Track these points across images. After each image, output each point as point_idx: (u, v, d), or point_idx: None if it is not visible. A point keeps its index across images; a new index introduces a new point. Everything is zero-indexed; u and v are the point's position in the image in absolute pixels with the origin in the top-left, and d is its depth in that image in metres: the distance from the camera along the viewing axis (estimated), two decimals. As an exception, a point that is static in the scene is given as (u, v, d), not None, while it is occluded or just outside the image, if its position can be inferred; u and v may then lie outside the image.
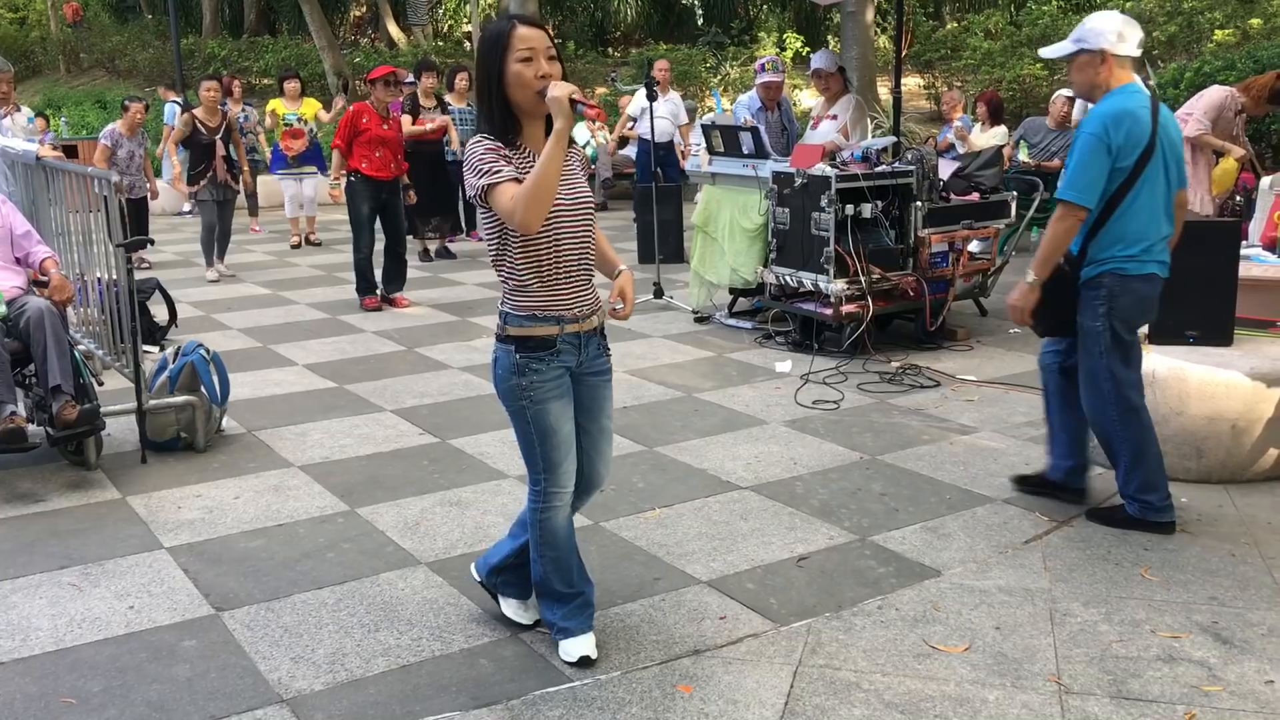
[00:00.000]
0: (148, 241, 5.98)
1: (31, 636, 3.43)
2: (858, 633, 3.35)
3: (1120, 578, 3.67)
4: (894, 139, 7.93)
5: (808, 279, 6.65)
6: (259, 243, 12.36)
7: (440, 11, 25.72)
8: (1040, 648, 3.23)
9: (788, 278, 6.81)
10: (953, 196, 6.99)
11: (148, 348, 6.62)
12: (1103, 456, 4.23)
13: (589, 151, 13.98)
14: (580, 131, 14.07)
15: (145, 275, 8.43)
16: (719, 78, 19.03)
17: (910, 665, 3.15)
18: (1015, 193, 7.53)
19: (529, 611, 3.43)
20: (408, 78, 10.79)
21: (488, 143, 2.96)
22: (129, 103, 10.72)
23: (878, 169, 6.65)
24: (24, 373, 4.91)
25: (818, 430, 5.30)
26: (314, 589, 3.73)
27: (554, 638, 3.28)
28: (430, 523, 4.29)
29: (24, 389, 4.94)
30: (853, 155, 6.85)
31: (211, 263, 10.04)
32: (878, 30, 18.44)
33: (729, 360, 6.68)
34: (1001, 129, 10.49)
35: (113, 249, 5.20)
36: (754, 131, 7.37)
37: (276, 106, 11.83)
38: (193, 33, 24.46)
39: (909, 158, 6.81)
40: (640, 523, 4.22)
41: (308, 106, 11.91)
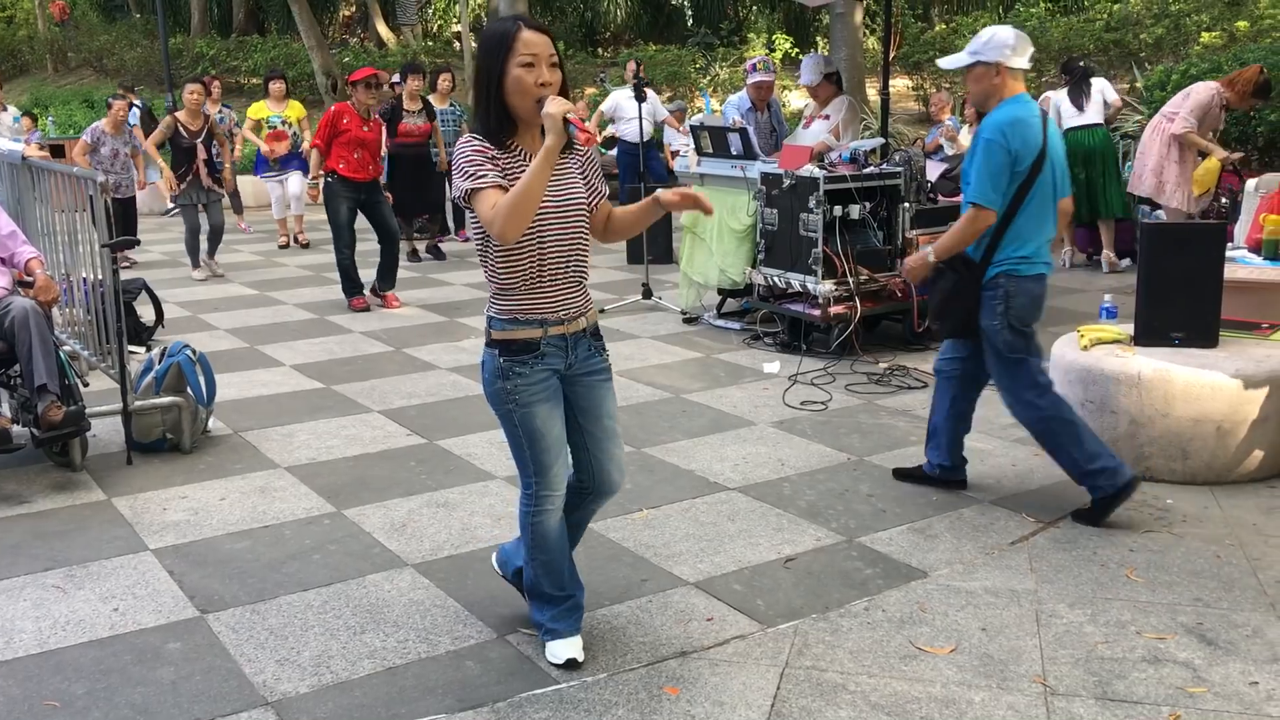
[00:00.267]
0: (134, 242, 5.96)
1: (15, 639, 3.42)
2: (844, 634, 3.35)
3: (1106, 579, 3.68)
4: (882, 140, 7.94)
5: (796, 280, 6.65)
6: (246, 242, 12.33)
7: (430, 11, 25.68)
8: (1026, 649, 3.24)
9: (776, 279, 6.82)
10: (940, 198, 7.01)
11: (134, 348, 6.60)
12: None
13: None
14: None
15: (131, 275, 8.39)
16: (708, 78, 19.05)
17: (896, 666, 3.16)
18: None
19: None
20: (394, 77, 10.76)
21: (476, 144, 2.94)
22: (112, 100, 10.69)
23: (866, 170, 6.66)
24: (9, 373, 4.89)
25: (805, 431, 5.31)
26: (300, 591, 3.71)
27: (541, 639, 3.27)
28: (417, 524, 4.28)
29: (9, 390, 4.92)
30: (841, 156, 6.86)
31: (198, 264, 10.00)
32: (866, 31, 18.47)
33: (717, 361, 6.68)
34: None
35: (98, 249, 5.18)
36: (742, 132, 7.38)
37: (259, 110, 11.71)
38: (181, 32, 24.40)
39: (897, 159, 6.83)
40: (628, 524, 4.21)
41: (292, 109, 11.83)
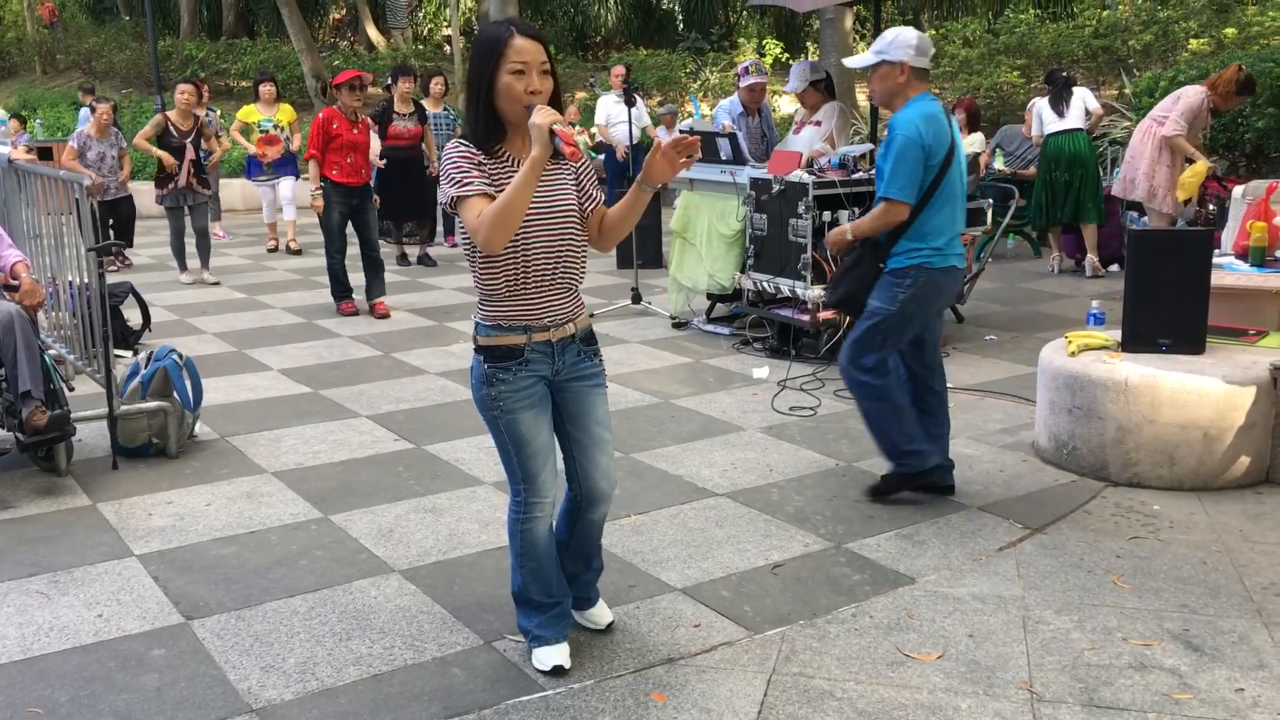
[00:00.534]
0: (119, 246, 5.93)
1: (-2, 645, 3.40)
2: (832, 640, 3.35)
3: (1092, 585, 3.68)
4: (871, 146, 7.94)
5: (785, 285, 6.66)
6: (235, 246, 12.29)
7: (420, 15, 25.67)
8: (1013, 655, 3.24)
9: (765, 284, 6.82)
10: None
11: (120, 352, 6.58)
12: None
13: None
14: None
15: (119, 279, 8.36)
16: (699, 83, 19.07)
17: (884, 673, 3.15)
18: (991, 200, 7.57)
19: (589, 618, 3.43)
20: (387, 80, 10.74)
21: (463, 149, 2.94)
22: (96, 104, 10.65)
23: (855, 176, 6.67)
24: (-7, 378, 4.87)
25: (794, 437, 5.31)
26: (285, 597, 3.70)
27: (528, 645, 3.27)
28: (404, 530, 4.26)
29: (-7, 394, 4.89)
30: (830, 162, 6.86)
31: (185, 267, 9.95)
32: (856, 37, 18.50)
33: (706, 366, 6.68)
34: (978, 136, 10.54)
35: (84, 252, 5.16)
36: (731, 137, 7.38)
37: (249, 114, 11.65)
38: (170, 34, 24.34)
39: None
40: (615, 529, 4.20)
41: (283, 112, 11.76)
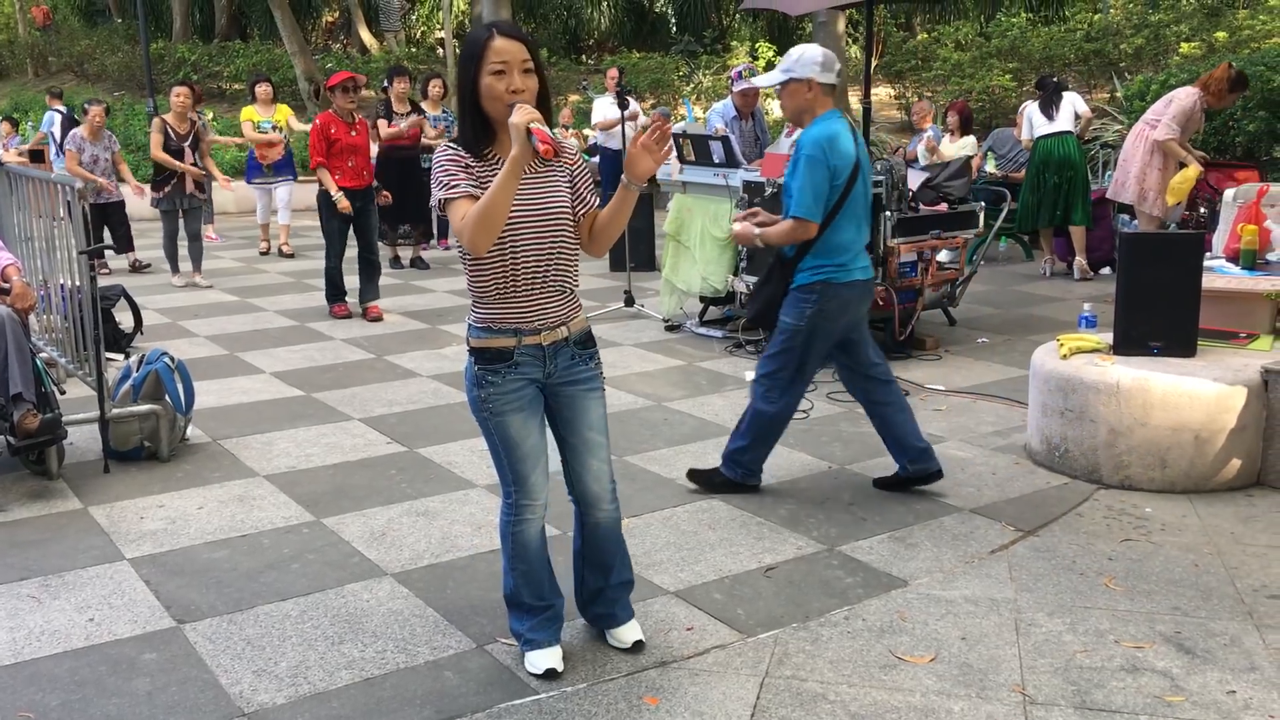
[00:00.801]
0: (108, 249, 5.91)
1: (-12, 649, 3.38)
2: (824, 643, 3.35)
3: (1085, 588, 3.69)
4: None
5: (778, 288, 6.65)
6: (227, 249, 12.27)
7: (413, 17, 25.66)
8: (1005, 658, 3.24)
9: (758, 287, 6.81)
10: (921, 207, 7.02)
11: (111, 355, 6.56)
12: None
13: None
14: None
15: (110, 282, 8.34)
16: (691, 86, 19.08)
17: (876, 676, 3.16)
18: (983, 203, 7.58)
19: (614, 636, 3.36)
20: (385, 82, 10.73)
21: (450, 152, 2.95)
22: (89, 106, 10.61)
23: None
24: (-16, 381, 4.85)
25: (786, 439, 5.29)
26: (277, 600, 3.69)
27: (521, 649, 3.26)
28: (397, 533, 4.26)
29: (-16, 397, 4.88)
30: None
31: (177, 269, 9.94)
32: (849, 40, 18.54)
33: (699, 369, 6.68)
34: (970, 139, 10.56)
35: (75, 255, 5.14)
36: (724, 140, 7.38)
37: (249, 115, 11.61)
38: (163, 37, 24.29)
39: (878, 168, 6.84)
40: (608, 533, 4.20)
41: (280, 113, 11.75)
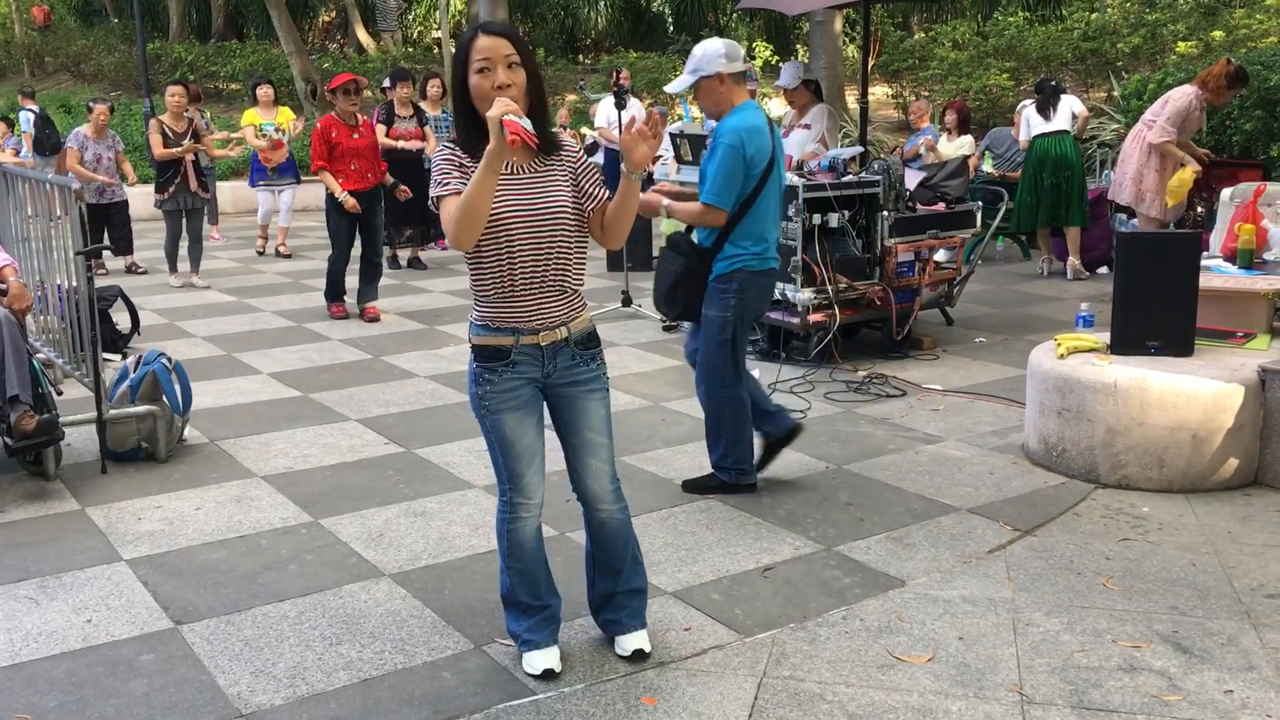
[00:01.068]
0: (105, 250, 5.91)
1: (-14, 651, 3.38)
2: (822, 643, 3.35)
3: (1082, 587, 3.69)
4: (861, 149, 7.96)
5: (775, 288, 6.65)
6: (224, 249, 12.25)
7: (409, 17, 25.65)
8: (1003, 658, 3.24)
9: (755, 287, 6.81)
10: (919, 206, 7.03)
11: (109, 356, 6.56)
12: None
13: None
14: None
15: (106, 283, 8.33)
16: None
17: (874, 676, 3.16)
18: (981, 202, 7.59)
19: (619, 644, 3.32)
20: (385, 82, 10.72)
21: (446, 152, 2.97)
22: (93, 104, 10.58)
23: (845, 178, 6.68)
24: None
25: (784, 439, 5.31)
26: (275, 601, 3.69)
27: (518, 650, 3.26)
28: (394, 533, 4.26)
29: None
30: (820, 165, 6.88)
31: (175, 269, 9.91)
32: (846, 39, 18.55)
33: (696, 369, 6.68)
34: (968, 139, 10.57)
35: (72, 255, 5.14)
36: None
37: (251, 118, 11.51)
38: (159, 37, 24.27)
39: (876, 168, 6.85)
40: (606, 533, 4.20)
41: (283, 114, 11.63)
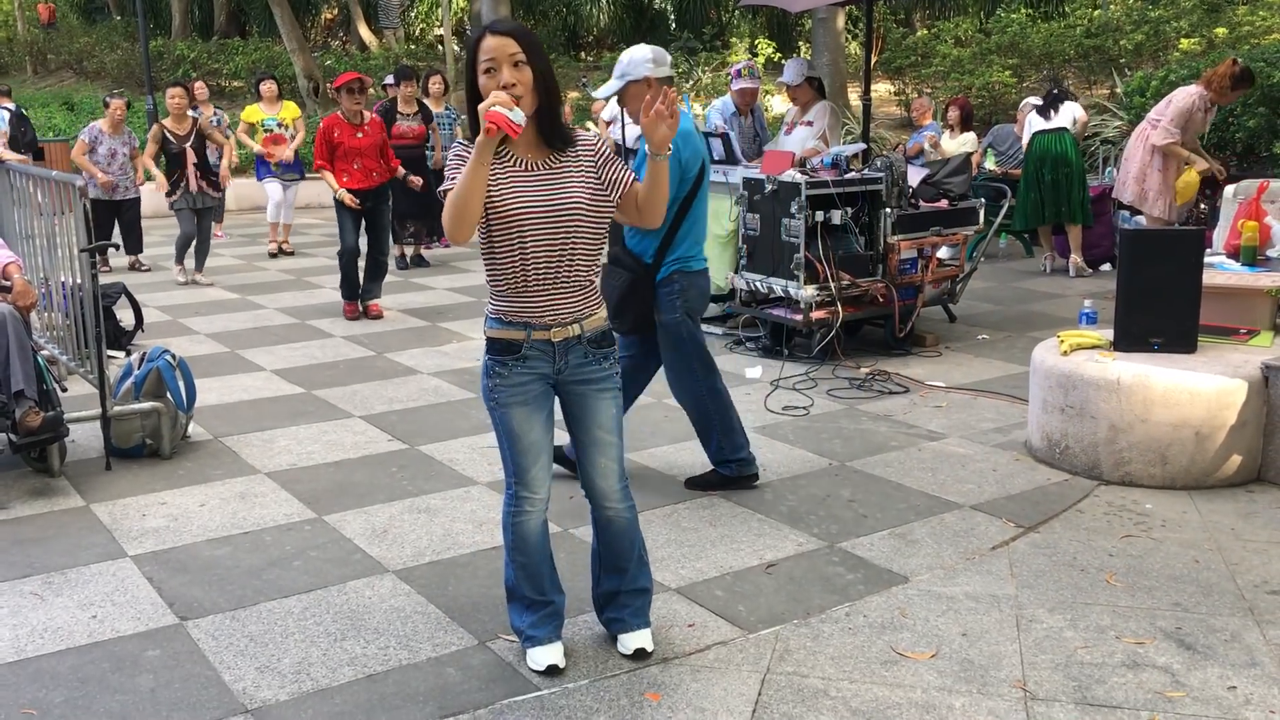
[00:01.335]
0: (109, 246, 5.91)
1: (-8, 647, 3.39)
2: (825, 640, 3.36)
3: (1085, 584, 3.69)
4: (864, 146, 7.96)
5: (778, 285, 6.66)
6: (228, 246, 12.25)
7: (412, 14, 25.64)
8: (1006, 654, 3.25)
9: (758, 283, 6.82)
10: (922, 203, 7.03)
11: (113, 353, 6.57)
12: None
13: None
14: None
15: (109, 280, 8.34)
16: (691, 83, 19.08)
17: (877, 672, 3.16)
18: (983, 200, 7.59)
19: (620, 642, 3.32)
20: (387, 79, 10.71)
21: (461, 149, 2.97)
22: (110, 99, 10.57)
23: (847, 176, 6.68)
24: (-14, 379, 4.85)
25: (787, 436, 5.32)
26: (280, 597, 3.70)
27: (521, 646, 3.27)
28: (398, 530, 4.26)
29: (-14, 395, 4.88)
30: (823, 162, 6.88)
31: (181, 263, 9.89)
32: (848, 37, 18.53)
33: (699, 366, 6.68)
34: (970, 136, 10.56)
35: (77, 253, 5.15)
36: (724, 138, 7.39)
37: (253, 114, 11.46)
38: (162, 34, 24.29)
39: (878, 165, 6.85)
40: (609, 530, 4.20)
41: (286, 110, 11.57)
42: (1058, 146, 9.07)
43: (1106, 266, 9.41)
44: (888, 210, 6.69)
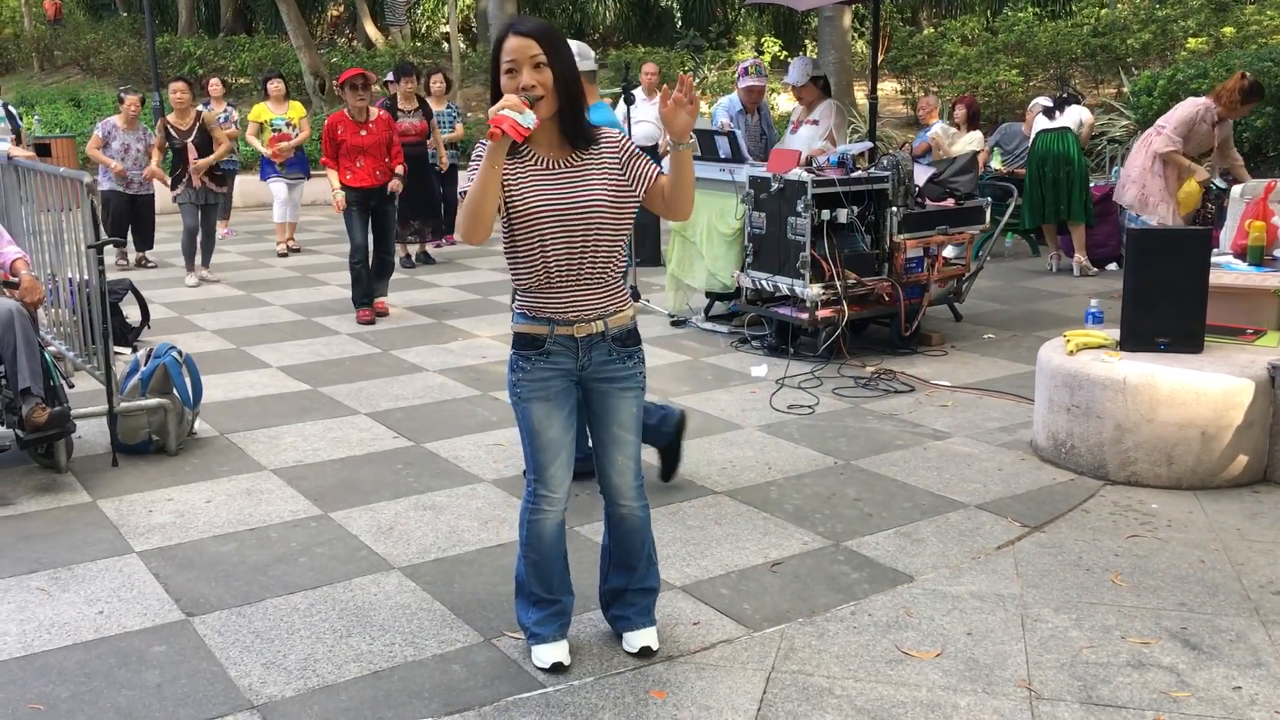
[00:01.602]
0: (116, 243, 5.92)
1: (-1, 642, 3.40)
2: (831, 638, 3.36)
3: (1091, 583, 3.69)
4: (870, 144, 7.96)
5: (784, 283, 6.66)
6: (234, 244, 12.26)
7: (418, 11, 25.65)
8: (1011, 653, 3.25)
9: (764, 282, 6.82)
10: (928, 202, 7.03)
11: (119, 349, 6.58)
12: None
13: None
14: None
15: (118, 276, 8.36)
16: (697, 81, 19.07)
17: (882, 671, 3.17)
18: (990, 199, 7.58)
19: (625, 640, 3.33)
20: (388, 75, 10.71)
21: (480, 149, 2.97)
22: (124, 94, 10.56)
23: (853, 174, 6.68)
24: (-7, 374, 4.86)
25: (792, 435, 5.32)
26: (286, 594, 3.71)
27: (526, 643, 3.28)
28: (404, 527, 4.27)
29: (-7, 391, 4.89)
30: (829, 160, 6.87)
31: (192, 267, 9.79)
32: (855, 35, 18.53)
33: (705, 364, 6.69)
34: (977, 134, 10.54)
35: (84, 249, 5.16)
36: (730, 136, 7.38)
37: (260, 113, 11.40)
38: (169, 31, 24.30)
39: (885, 163, 6.84)
40: (615, 527, 4.20)
41: (294, 109, 11.51)
42: (1059, 145, 9.07)
43: (1113, 266, 9.39)
44: (894, 209, 6.69)
